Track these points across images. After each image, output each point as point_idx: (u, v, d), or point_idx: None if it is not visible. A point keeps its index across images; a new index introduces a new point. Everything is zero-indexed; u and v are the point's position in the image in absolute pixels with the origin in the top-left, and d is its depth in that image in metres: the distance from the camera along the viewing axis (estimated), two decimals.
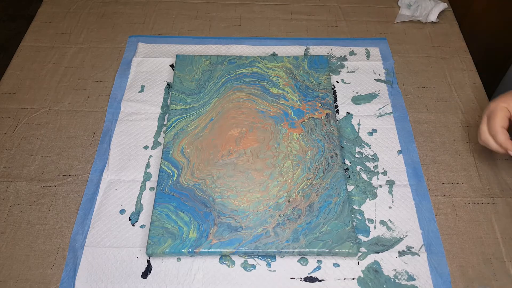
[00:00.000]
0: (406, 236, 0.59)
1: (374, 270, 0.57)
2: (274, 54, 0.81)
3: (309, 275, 0.56)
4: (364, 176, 0.65)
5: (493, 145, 0.57)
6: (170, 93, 0.74)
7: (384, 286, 0.55)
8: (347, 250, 0.56)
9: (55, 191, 0.64)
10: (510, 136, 0.56)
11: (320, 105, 0.71)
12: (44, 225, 0.60)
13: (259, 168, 0.64)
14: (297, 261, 0.57)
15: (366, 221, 0.61)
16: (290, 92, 0.73)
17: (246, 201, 0.60)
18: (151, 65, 0.79)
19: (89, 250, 0.58)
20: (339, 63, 0.80)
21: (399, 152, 0.68)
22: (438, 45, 0.84)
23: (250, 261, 0.57)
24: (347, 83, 0.77)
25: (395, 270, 0.57)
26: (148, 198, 0.63)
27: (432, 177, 0.66)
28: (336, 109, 0.73)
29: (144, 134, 0.70)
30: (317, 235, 0.57)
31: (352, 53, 0.82)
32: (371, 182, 0.64)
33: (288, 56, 0.78)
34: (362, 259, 0.57)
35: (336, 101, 0.74)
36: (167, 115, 0.71)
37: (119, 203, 0.62)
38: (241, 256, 0.58)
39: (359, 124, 0.71)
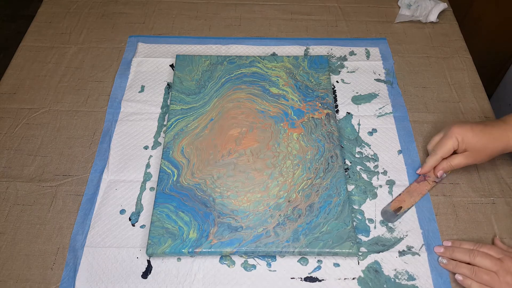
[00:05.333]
0: (406, 235, 0.59)
1: (374, 270, 0.57)
2: (274, 54, 0.81)
3: (309, 275, 0.56)
4: (364, 176, 0.65)
5: (428, 155, 0.64)
6: (170, 93, 0.74)
7: (384, 286, 0.55)
8: (347, 250, 0.56)
9: (55, 191, 0.64)
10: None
11: (320, 105, 0.71)
12: (44, 225, 0.60)
13: (259, 168, 0.64)
14: (297, 261, 0.57)
15: (366, 221, 0.61)
16: (290, 92, 0.73)
17: (246, 201, 0.60)
18: (151, 65, 0.79)
19: (89, 250, 0.58)
20: (339, 63, 0.80)
21: (399, 152, 0.68)
22: (438, 45, 0.84)
23: (250, 261, 0.57)
24: (347, 83, 0.77)
25: (395, 270, 0.57)
26: (148, 198, 0.63)
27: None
28: (336, 109, 0.73)
29: (144, 134, 0.70)
30: (317, 235, 0.57)
31: (352, 53, 0.82)
32: (371, 182, 0.64)
33: (288, 56, 0.78)
34: (362, 259, 0.57)
35: (336, 101, 0.74)
36: (167, 115, 0.71)
37: (119, 203, 0.62)
38: (241, 256, 0.58)
39: (359, 124, 0.71)
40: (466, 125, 0.60)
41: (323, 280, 0.56)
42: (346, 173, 0.65)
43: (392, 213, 0.61)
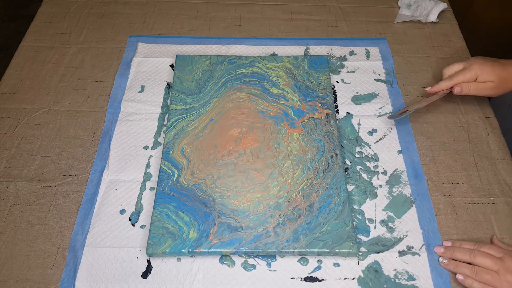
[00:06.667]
0: (407, 236, 0.59)
1: (374, 270, 0.57)
2: (274, 54, 0.81)
3: (309, 275, 0.56)
4: (364, 176, 0.65)
5: (443, 77, 0.70)
6: (170, 93, 0.74)
7: (385, 286, 0.55)
8: (347, 250, 0.56)
9: (55, 191, 0.64)
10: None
11: (320, 105, 0.71)
12: (44, 225, 0.60)
13: (259, 168, 0.64)
14: (297, 261, 0.57)
15: (366, 221, 0.61)
16: (290, 92, 0.73)
17: (246, 201, 0.60)
18: (151, 65, 0.79)
19: (89, 250, 0.58)
20: (339, 63, 0.80)
21: (399, 152, 0.68)
22: (438, 45, 0.84)
23: (251, 261, 0.57)
24: (347, 83, 0.77)
25: (395, 270, 0.57)
26: (148, 198, 0.63)
27: (432, 177, 0.66)
28: (336, 109, 0.73)
29: (144, 134, 0.70)
30: (317, 235, 0.57)
31: (352, 53, 0.82)
32: (371, 182, 0.64)
33: (288, 56, 0.78)
34: (362, 259, 0.57)
35: (336, 101, 0.74)
36: (167, 115, 0.71)
37: (119, 203, 0.62)
38: (241, 256, 0.58)
39: (359, 124, 0.71)
40: (487, 62, 0.66)
41: (323, 280, 0.56)
42: (346, 173, 0.65)
43: (397, 115, 0.68)
